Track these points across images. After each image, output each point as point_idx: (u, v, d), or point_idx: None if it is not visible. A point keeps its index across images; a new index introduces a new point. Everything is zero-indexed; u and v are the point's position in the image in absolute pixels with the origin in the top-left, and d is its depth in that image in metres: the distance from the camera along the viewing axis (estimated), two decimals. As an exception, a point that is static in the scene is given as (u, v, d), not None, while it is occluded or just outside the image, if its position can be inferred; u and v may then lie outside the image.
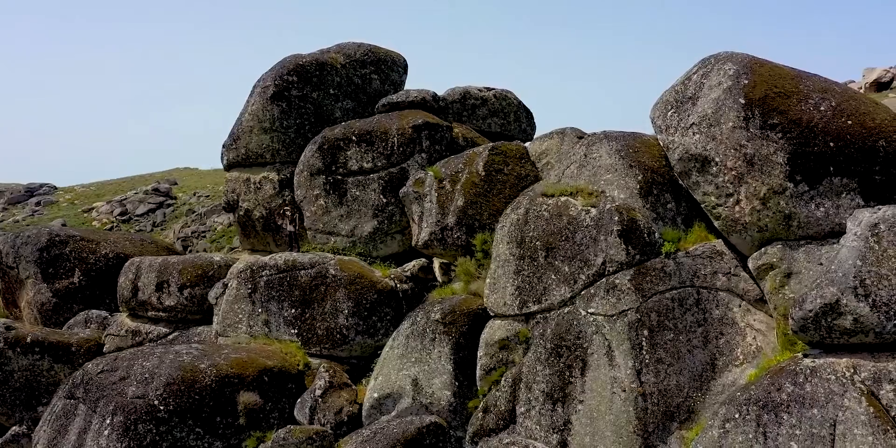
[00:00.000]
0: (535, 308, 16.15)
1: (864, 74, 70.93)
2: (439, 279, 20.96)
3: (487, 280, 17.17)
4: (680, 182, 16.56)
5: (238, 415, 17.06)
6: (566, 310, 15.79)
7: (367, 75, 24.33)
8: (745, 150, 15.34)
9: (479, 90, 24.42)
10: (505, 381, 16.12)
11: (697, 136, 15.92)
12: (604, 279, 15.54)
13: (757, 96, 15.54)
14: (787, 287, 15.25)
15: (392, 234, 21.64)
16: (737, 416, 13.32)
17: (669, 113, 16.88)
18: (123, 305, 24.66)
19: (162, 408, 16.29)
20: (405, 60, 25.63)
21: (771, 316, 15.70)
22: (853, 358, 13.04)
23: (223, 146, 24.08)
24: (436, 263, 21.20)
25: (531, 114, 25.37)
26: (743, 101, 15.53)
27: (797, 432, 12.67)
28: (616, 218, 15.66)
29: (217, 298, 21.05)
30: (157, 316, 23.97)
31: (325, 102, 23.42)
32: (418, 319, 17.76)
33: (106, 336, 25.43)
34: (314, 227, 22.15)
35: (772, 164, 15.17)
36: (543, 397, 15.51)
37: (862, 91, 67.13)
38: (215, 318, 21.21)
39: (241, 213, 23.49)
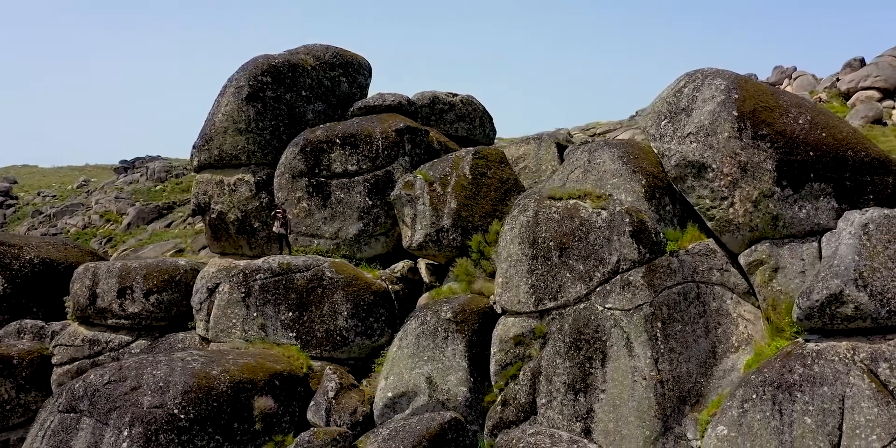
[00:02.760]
0: (550, 305, 17.06)
1: None
2: (426, 280, 21.44)
3: (499, 279, 17.88)
4: (674, 186, 18.06)
5: (254, 420, 16.82)
6: (582, 305, 16.82)
7: (336, 78, 24.33)
8: (739, 157, 17.01)
9: (446, 95, 25.08)
10: (523, 374, 16.91)
11: (695, 144, 17.45)
12: (618, 276, 16.71)
13: (747, 109, 17.27)
14: (774, 280, 17.07)
15: (376, 236, 21.86)
16: (754, 396, 14.83)
17: (663, 122, 18.34)
18: (78, 313, 23.32)
19: (182, 416, 15.80)
20: (369, 64, 25.82)
21: (757, 307, 17.50)
22: (851, 341, 14.87)
23: (193, 147, 23.24)
24: (421, 264, 21.67)
25: (492, 119, 26.34)
26: (736, 114, 17.21)
27: (810, 408, 14.32)
28: (627, 219, 16.87)
29: (202, 304, 20.42)
30: (119, 323, 22.85)
31: (297, 104, 23.21)
32: (428, 319, 18.17)
33: (55, 347, 23.92)
34: (296, 229, 21.94)
35: (762, 170, 16.93)
36: (565, 388, 16.45)
37: None
38: (200, 324, 20.58)
39: (214, 215, 22.79)
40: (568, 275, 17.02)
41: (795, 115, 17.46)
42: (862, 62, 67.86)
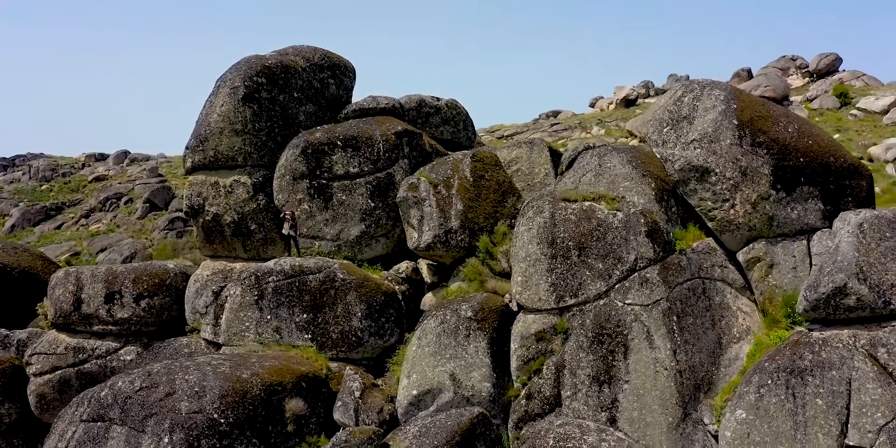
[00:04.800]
0: (571, 302, 17.91)
1: (614, 92, 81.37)
2: (428, 280, 21.89)
3: (518, 278, 18.55)
4: (677, 189, 19.31)
5: (286, 422, 16.82)
6: (601, 302, 17.76)
7: (325, 80, 24.32)
8: (740, 163, 18.43)
9: (431, 99, 25.53)
10: (547, 369, 17.68)
11: (699, 150, 18.75)
12: (636, 274, 17.76)
13: (745, 118, 18.74)
14: (770, 276, 18.61)
15: (377, 237, 22.09)
16: (769, 382, 16.20)
17: (665, 129, 19.57)
18: (60, 320, 22.32)
19: (222, 421, 15.63)
20: (354, 66, 25.94)
21: (753, 300, 18.98)
22: (851, 329, 16.48)
23: (186, 148, 22.65)
24: (422, 265, 22.09)
25: (473, 123, 26.98)
26: (736, 122, 18.63)
27: (821, 391, 15.80)
28: (642, 220, 17.96)
29: (207, 307, 20.07)
30: (106, 330, 22.08)
31: (290, 105, 23.07)
32: (448, 318, 18.64)
33: (31, 355, 22.81)
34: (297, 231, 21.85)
35: (760, 174, 18.42)
36: (590, 380, 17.35)
37: (613, 106, 77.52)
38: (207, 328, 20.22)
39: (209, 217, 22.29)
40: (588, 273, 17.92)
41: (785, 124, 19.08)
42: (749, 73, 72.93)
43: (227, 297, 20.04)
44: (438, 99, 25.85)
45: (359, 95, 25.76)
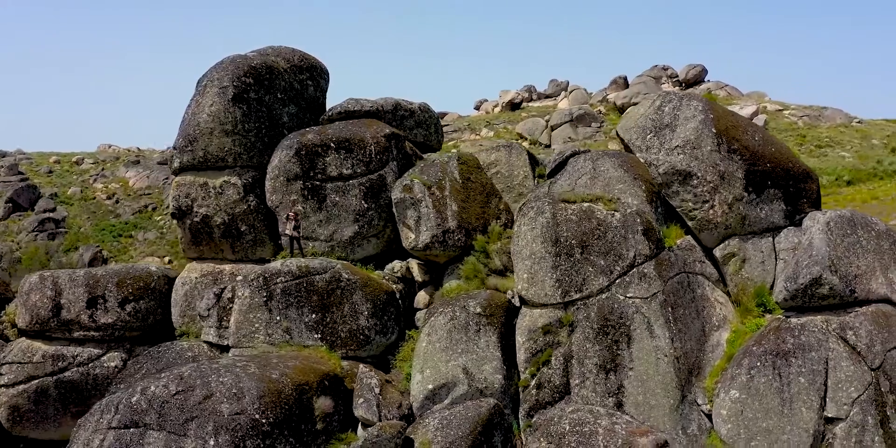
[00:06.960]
0: (576, 296, 19.20)
1: (500, 95, 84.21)
2: (419, 279, 22.57)
3: (523, 275, 19.61)
4: (660, 191, 21.03)
5: (315, 420, 17.11)
6: (604, 296, 19.15)
7: (304, 81, 24.38)
8: (719, 167, 20.38)
9: (405, 102, 26.12)
10: (556, 359, 18.89)
11: (682, 155, 20.54)
12: (635, 269, 19.28)
13: (722, 127, 20.71)
14: (743, 270, 20.68)
15: (369, 237, 22.49)
16: (758, 364, 18.15)
17: (648, 136, 21.26)
18: (36, 327, 21.26)
19: (263, 421, 15.73)
20: (328, 69, 26.09)
21: (726, 292, 21.00)
22: (822, 315, 18.75)
23: (174, 148, 22.05)
24: (413, 264, 22.73)
25: (442, 126, 27.77)
26: (714, 131, 20.55)
27: (803, 370, 17.91)
28: (639, 220, 19.51)
29: (209, 310, 19.82)
30: (87, 336, 21.27)
31: (275, 106, 23.02)
32: (457, 314, 19.44)
33: (2, 366, 21.57)
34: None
35: (735, 178, 20.44)
36: (597, 369, 18.71)
37: (499, 109, 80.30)
38: (210, 331, 19.93)
39: (197, 219, 21.84)
40: (591, 269, 19.27)
41: (752, 133, 21.23)
42: (625, 80, 77.41)
43: (229, 298, 19.90)
44: (411, 102, 26.49)
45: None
